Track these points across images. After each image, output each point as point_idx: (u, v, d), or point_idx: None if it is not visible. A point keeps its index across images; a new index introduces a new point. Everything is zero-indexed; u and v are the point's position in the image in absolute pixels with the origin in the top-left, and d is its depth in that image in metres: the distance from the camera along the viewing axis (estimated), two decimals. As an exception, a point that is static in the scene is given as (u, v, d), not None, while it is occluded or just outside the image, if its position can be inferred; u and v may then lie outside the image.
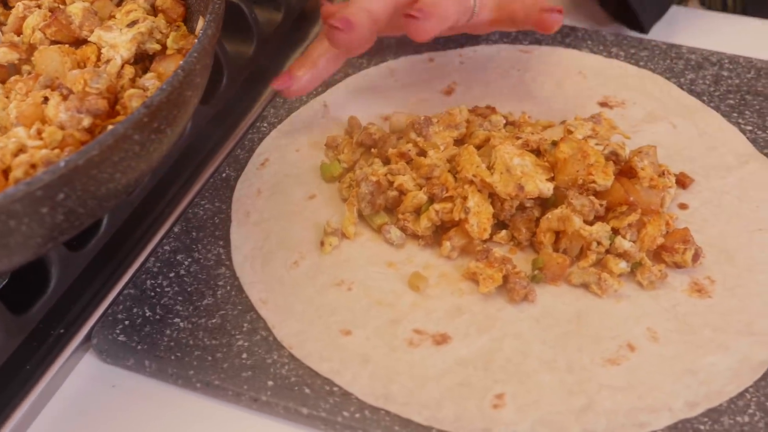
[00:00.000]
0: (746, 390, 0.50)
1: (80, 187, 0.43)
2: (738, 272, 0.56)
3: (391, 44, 0.76)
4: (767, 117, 0.68)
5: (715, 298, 0.55)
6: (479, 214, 0.56)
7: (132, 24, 0.57)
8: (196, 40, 0.50)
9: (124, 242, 0.60)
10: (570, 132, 0.61)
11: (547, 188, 0.56)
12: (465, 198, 0.57)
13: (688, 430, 0.49)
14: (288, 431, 0.50)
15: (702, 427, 0.49)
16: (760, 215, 0.60)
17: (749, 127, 0.67)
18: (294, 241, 0.59)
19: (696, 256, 0.56)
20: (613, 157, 0.59)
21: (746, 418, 0.49)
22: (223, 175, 0.65)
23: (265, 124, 0.69)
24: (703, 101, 0.70)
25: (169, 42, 0.56)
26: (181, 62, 0.48)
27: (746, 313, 0.54)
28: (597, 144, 0.59)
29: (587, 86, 0.71)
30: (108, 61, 0.55)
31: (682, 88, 0.71)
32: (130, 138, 0.45)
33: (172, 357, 0.53)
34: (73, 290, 0.56)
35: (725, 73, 0.73)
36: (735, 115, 0.68)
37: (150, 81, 0.53)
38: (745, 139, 0.66)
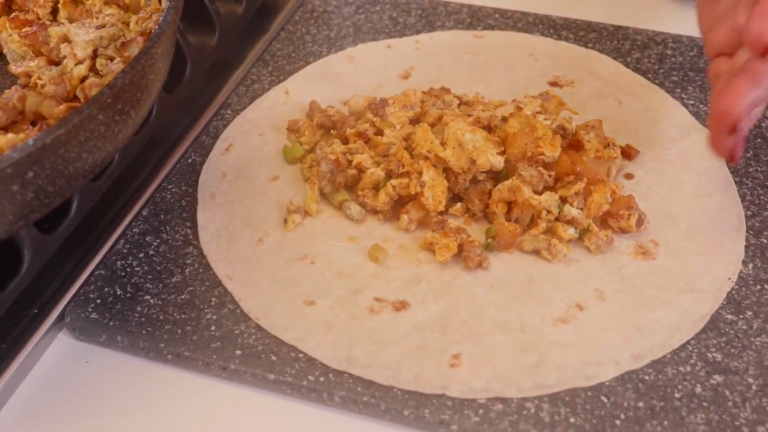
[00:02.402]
0: (688, 342, 0.53)
1: (48, 165, 0.46)
2: (680, 235, 0.60)
3: (349, 33, 0.79)
4: (708, 92, 0.72)
5: (658, 259, 0.58)
6: (434, 188, 0.59)
7: (101, 27, 0.59)
8: (158, 22, 0.52)
9: (94, 226, 0.62)
10: (520, 108, 0.64)
11: (498, 161, 0.59)
12: (420, 173, 0.59)
13: (634, 380, 0.51)
14: (256, 397, 0.53)
15: (647, 377, 0.52)
16: (701, 182, 0.63)
17: (692, 102, 0.71)
18: (258, 219, 0.62)
19: (640, 221, 0.59)
20: (561, 130, 0.62)
21: (688, 368, 0.52)
22: (189, 160, 0.67)
23: (229, 111, 0.71)
24: (648, 78, 0.73)
25: (131, 25, 0.58)
26: (142, 47, 0.50)
27: (688, 272, 0.57)
28: (545, 119, 0.62)
29: (538, 67, 0.75)
30: (64, 57, 0.58)
31: (628, 67, 0.74)
32: (95, 118, 0.47)
33: (143, 332, 0.55)
34: (46, 272, 0.58)
35: (669, 52, 0.76)
36: (678, 90, 0.72)
37: (116, 65, 0.55)
38: (687, 112, 0.69)
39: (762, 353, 0.53)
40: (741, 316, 0.55)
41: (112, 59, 0.58)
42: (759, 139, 0.67)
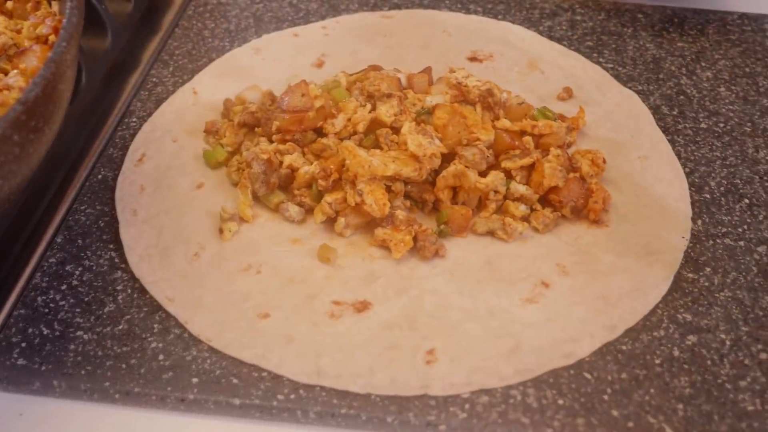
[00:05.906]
0: (657, 306, 0.53)
1: (-40, 198, 0.40)
2: (627, 199, 0.59)
3: (250, 24, 0.75)
4: (624, 54, 0.72)
5: (611, 226, 0.57)
6: (374, 192, 0.55)
7: None
8: (57, 27, 0.47)
9: (3, 260, 0.55)
10: (453, 83, 0.61)
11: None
12: (353, 182, 0.55)
13: (612, 352, 0.50)
14: (222, 427, 0.48)
15: (624, 347, 0.51)
16: (636, 143, 0.63)
17: (610, 65, 0.71)
18: (190, 232, 0.57)
19: (576, 211, 0.57)
20: (489, 95, 0.60)
21: (662, 332, 0.51)
22: (99, 176, 0.61)
23: (135, 119, 0.65)
24: (564, 45, 0.72)
25: (24, 32, 0.51)
26: (50, 54, 0.45)
27: (641, 236, 0.57)
28: (477, 81, 0.60)
29: (453, 43, 0.72)
30: None
31: (542, 36, 0.73)
32: (9, 139, 0.41)
33: (83, 372, 0.49)
34: (-44, 319, 0.51)
35: (578, 18, 0.76)
36: (595, 55, 0.72)
37: (13, 78, 0.49)
38: (608, 75, 0.69)
39: (728, 308, 0.53)
40: (701, 274, 0.55)
41: (5, 72, 0.51)
42: (681, 96, 0.68)
